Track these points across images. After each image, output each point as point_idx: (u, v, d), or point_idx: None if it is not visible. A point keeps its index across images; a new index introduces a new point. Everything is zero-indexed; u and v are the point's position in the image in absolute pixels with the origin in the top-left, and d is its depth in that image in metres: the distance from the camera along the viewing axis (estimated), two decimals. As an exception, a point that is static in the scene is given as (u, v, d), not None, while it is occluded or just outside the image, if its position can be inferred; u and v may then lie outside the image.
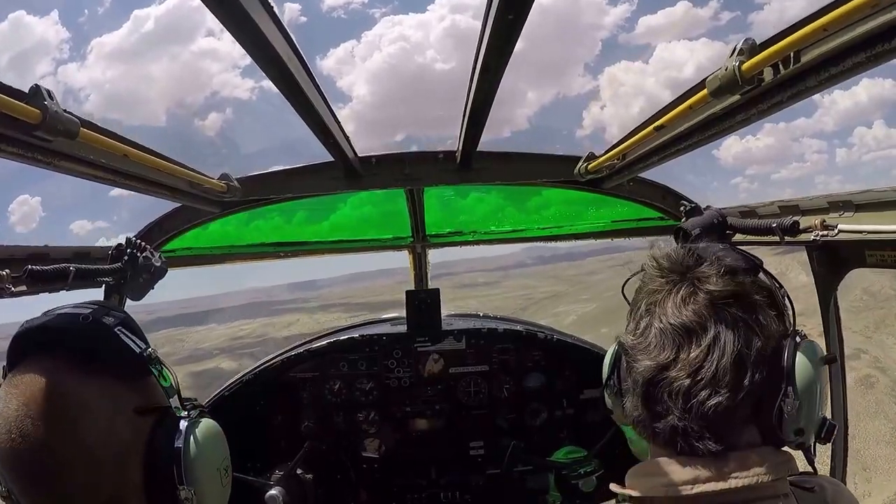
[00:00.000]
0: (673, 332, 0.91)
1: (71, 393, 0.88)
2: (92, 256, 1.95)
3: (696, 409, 0.87)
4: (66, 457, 0.85)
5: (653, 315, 0.95)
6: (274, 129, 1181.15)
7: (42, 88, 1.13)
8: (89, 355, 0.91)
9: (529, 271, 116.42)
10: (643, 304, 0.98)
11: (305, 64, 1.35)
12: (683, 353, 0.90)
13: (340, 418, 2.67)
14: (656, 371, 0.91)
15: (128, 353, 0.94)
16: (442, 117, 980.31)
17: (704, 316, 0.90)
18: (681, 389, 0.89)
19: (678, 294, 0.93)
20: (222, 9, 0.99)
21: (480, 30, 1.27)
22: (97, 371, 0.91)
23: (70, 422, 0.86)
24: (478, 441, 2.69)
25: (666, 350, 0.91)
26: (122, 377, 0.93)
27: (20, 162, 1.28)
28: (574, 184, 2.45)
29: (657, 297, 0.96)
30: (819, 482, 0.98)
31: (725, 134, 1.54)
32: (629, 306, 1.04)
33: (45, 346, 0.91)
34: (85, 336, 0.92)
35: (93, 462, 0.87)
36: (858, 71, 1.07)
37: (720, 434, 0.88)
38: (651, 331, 0.94)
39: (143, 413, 0.93)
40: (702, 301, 0.91)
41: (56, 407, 0.86)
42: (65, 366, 0.89)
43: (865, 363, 18.74)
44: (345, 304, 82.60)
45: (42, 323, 0.91)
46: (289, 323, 60.28)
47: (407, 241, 2.90)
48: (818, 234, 1.56)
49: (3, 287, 1.47)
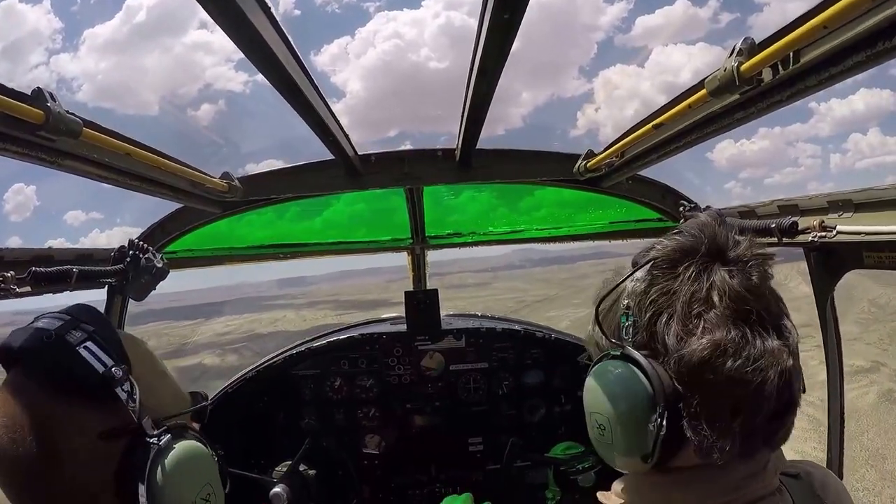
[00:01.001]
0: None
1: (39, 414, 0.85)
2: (95, 258, 1.96)
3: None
4: (39, 478, 0.84)
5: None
6: (274, 127, 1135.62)
7: (44, 91, 1.15)
8: (51, 375, 0.87)
9: (519, 273, 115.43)
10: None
11: (302, 63, 1.36)
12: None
13: (341, 415, 2.70)
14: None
15: (91, 372, 0.87)
16: (436, 114, 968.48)
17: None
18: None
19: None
20: (217, 8, 0.99)
21: (477, 29, 1.27)
22: (63, 392, 0.87)
23: (41, 444, 0.84)
24: (477, 437, 2.71)
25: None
26: (87, 398, 0.88)
27: (25, 161, 1.30)
28: (573, 182, 2.46)
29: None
30: (804, 468, 0.96)
31: (724, 132, 1.54)
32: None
33: (13, 364, 0.89)
34: (47, 355, 0.87)
35: (65, 491, 0.85)
36: (859, 70, 1.05)
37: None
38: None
39: (106, 438, 0.87)
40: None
41: (28, 427, 0.84)
42: (34, 386, 0.87)
43: (886, 376, 18.53)
44: (333, 302, 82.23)
45: (5, 342, 0.89)
46: (275, 319, 59.93)
47: (406, 242, 2.90)
48: (816, 235, 1.56)
49: (7, 288, 1.49)
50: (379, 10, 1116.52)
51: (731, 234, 0.87)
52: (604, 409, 0.86)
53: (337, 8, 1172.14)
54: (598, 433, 0.88)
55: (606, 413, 0.85)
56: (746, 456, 0.82)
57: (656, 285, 0.85)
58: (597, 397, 0.87)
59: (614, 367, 0.85)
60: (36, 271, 1.56)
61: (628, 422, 0.83)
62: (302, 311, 65.77)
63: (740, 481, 0.84)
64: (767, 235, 1.75)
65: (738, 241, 0.87)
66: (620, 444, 0.85)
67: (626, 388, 0.82)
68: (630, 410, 0.82)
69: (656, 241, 0.90)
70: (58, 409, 0.86)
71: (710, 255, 0.84)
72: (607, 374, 0.86)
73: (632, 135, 1.80)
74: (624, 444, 0.84)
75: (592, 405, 0.89)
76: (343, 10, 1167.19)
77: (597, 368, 0.89)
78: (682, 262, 0.84)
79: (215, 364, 34.59)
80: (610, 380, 0.85)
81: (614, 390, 0.84)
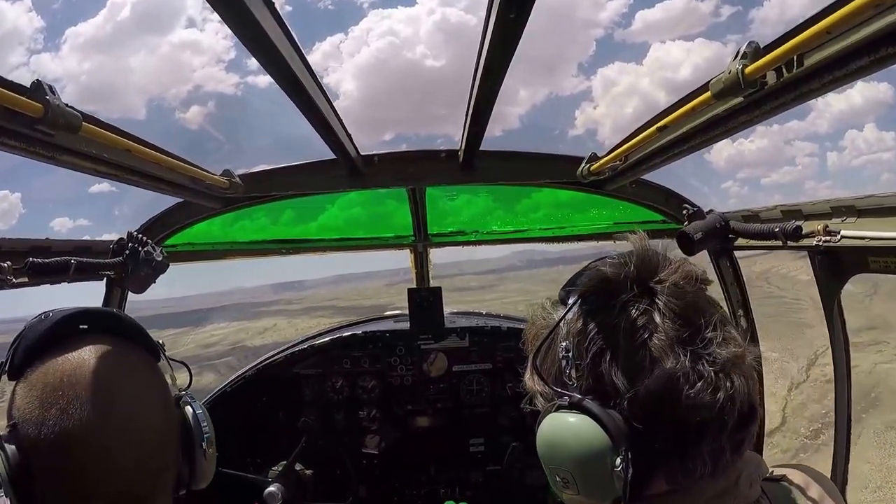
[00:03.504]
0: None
1: (119, 368, 0.90)
2: (93, 250, 1.96)
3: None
4: (120, 431, 0.85)
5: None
6: (275, 127, 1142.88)
7: (43, 84, 1.14)
8: (126, 336, 0.94)
9: (525, 275, 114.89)
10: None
11: (307, 61, 1.35)
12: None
13: (342, 415, 2.69)
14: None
15: (149, 338, 0.98)
16: (434, 115, 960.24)
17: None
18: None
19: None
20: (223, 5, 0.99)
21: (482, 29, 1.26)
22: (136, 351, 0.94)
23: (120, 399, 0.87)
24: (478, 438, 2.71)
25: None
26: (155, 358, 0.98)
27: (23, 156, 1.29)
28: (576, 185, 2.45)
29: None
30: (790, 472, 0.94)
31: (728, 135, 1.53)
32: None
33: (91, 328, 0.92)
34: (118, 320, 0.96)
35: (142, 438, 0.88)
36: (862, 75, 1.06)
37: None
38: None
39: (176, 403, 0.99)
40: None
41: (107, 383, 0.86)
42: (118, 345, 0.92)
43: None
44: (331, 307, 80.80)
45: (80, 309, 0.93)
46: (264, 328, 58.93)
47: (409, 240, 2.90)
48: (821, 239, 1.55)
49: (4, 279, 1.48)
50: (373, 6, 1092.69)
51: (660, 255, 0.84)
52: (564, 465, 0.81)
53: (330, 4, 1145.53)
54: (563, 486, 0.83)
55: (567, 468, 0.81)
56: (717, 474, 0.79)
57: (592, 322, 0.81)
58: (554, 453, 0.82)
59: (566, 419, 0.80)
60: (34, 262, 1.56)
61: (593, 474, 0.79)
62: (296, 319, 64.63)
63: (712, 499, 0.81)
64: (772, 239, 1.75)
65: (669, 260, 0.84)
66: (589, 495, 0.81)
67: (584, 441, 0.78)
68: (592, 462, 0.78)
69: (580, 275, 0.87)
70: (139, 365, 0.93)
71: (641, 280, 0.81)
72: (560, 427, 0.81)
73: (635, 138, 1.79)
74: (593, 495, 0.80)
75: (551, 461, 0.84)
76: (336, 7, 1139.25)
77: (547, 421, 0.83)
78: (613, 292, 0.81)
79: (183, 383, 34.13)
80: (565, 434, 0.80)
81: (571, 444, 0.80)
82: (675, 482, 0.79)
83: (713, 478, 0.79)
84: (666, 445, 0.77)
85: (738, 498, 0.82)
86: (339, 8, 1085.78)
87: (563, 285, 0.90)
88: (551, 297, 0.93)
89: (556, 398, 0.83)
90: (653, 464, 0.78)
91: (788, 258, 18.97)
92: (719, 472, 0.80)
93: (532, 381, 0.90)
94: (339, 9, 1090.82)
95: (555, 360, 0.85)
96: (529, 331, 0.94)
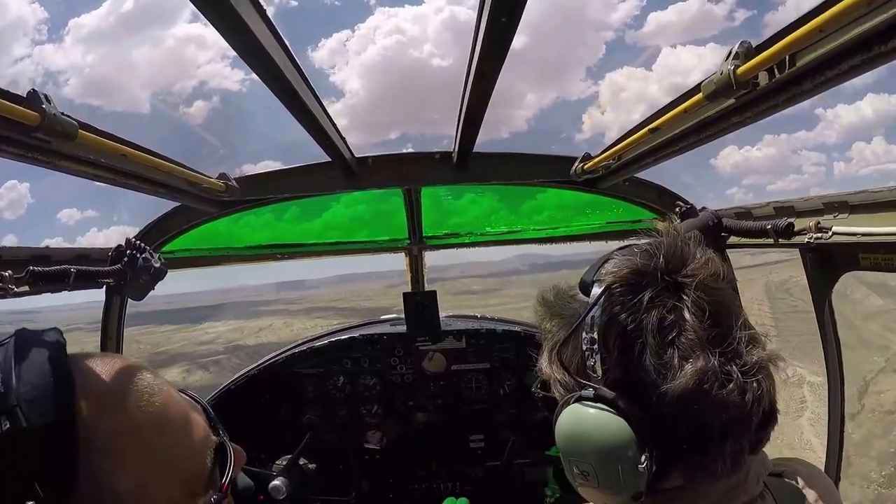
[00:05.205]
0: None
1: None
2: (92, 258, 1.96)
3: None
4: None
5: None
6: (271, 129, 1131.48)
7: (39, 93, 1.15)
8: None
9: (527, 279, 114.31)
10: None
11: (300, 68, 1.36)
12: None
13: (344, 412, 2.73)
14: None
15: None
16: (439, 115, 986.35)
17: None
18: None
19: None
20: (214, 13, 0.98)
21: (474, 32, 1.27)
22: None
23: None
24: (478, 434, 2.74)
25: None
26: None
27: (21, 162, 1.30)
28: (570, 184, 2.46)
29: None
30: (791, 466, 0.94)
31: (720, 136, 1.54)
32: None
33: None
34: None
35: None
36: (855, 74, 1.06)
37: None
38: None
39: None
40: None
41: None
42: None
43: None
44: (332, 308, 79.56)
45: None
46: (259, 328, 58.15)
47: (404, 243, 2.90)
48: (812, 236, 1.54)
49: (6, 288, 1.49)
50: (380, 4, 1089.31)
51: (689, 245, 0.83)
52: (586, 457, 0.80)
53: (336, 0, 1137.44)
54: (582, 479, 0.82)
55: (589, 460, 0.80)
56: (733, 471, 0.80)
57: (619, 315, 0.79)
58: (576, 444, 0.81)
59: (590, 412, 0.79)
60: (34, 271, 1.56)
61: (616, 468, 0.78)
62: (293, 320, 63.56)
63: (723, 495, 0.81)
64: (763, 237, 1.75)
65: (696, 254, 0.82)
66: (608, 489, 0.80)
67: (610, 436, 0.77)
68: (617, 457, 0.77)
69: (609, 261, 0.85)
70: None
71: (670, 273, 0.80)
72: (584, 419, 0.80)
73: (628, 138, 1.80)
74: (612, 488, 0.79)
75: (571, 452, 0.82)
76: (343, 4, 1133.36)
77: (569, 412, 0.82)
78: (642, 284, 0.79)
79: (175, 382, 33.92)
80: (589, 426, 0.79)
81: (595, 437, 0.78)
82: (692, 478, 0.80)
83: (728, 476, 0.80)
84: (690, 443, 0.76)
85: (747, 494, 0.83)
86: (345, 5, 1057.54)
87: (586, 273, 0.87)
88: (567, 281, 0.92)
89: (577, 388, 0.82)
90: (672, 459, 0.78)
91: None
92: (735, 471, 0.81)
93: (551, 368, 0.88)
94: (345, 6, 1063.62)
95: (577, 349, 0.83)
96: (543, 315, 0.92)
